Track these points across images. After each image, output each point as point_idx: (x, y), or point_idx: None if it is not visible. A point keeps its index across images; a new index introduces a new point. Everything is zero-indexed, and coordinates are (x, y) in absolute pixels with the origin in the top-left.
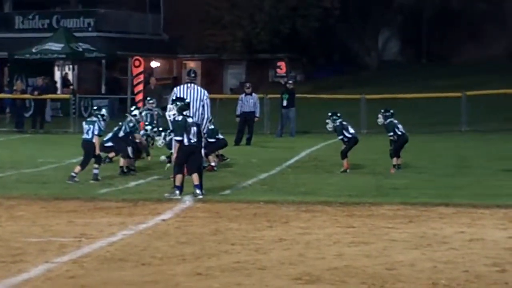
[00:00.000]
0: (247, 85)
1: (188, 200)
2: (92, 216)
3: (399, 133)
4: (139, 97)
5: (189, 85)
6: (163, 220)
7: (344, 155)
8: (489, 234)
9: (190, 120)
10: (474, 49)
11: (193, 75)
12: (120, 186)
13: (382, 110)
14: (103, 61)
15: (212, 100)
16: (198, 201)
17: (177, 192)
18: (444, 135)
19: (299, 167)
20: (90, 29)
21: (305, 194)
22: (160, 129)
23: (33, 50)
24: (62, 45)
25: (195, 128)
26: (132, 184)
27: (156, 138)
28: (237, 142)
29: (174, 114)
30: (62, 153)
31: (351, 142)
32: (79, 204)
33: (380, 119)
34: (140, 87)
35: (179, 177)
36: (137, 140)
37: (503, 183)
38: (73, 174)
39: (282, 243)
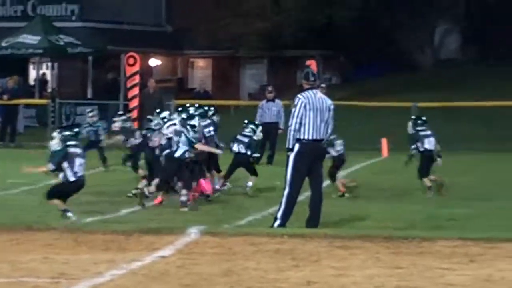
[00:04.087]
0: (269, 89)
1: (193, 233)
2: (74, 252)
3: (422, 149)
4: (134, 103)
5: (314, 91)
6: (162, 257)
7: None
8: None
9: None
10: None
11: (312, 78)
12: (108, 214)
13: (414, 117)
14: (90, 58)
15: (227, 108)
16: (206, 234)
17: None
18: None
19: (333, 192)
20: (74, 18)
21: (340, 226)
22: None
23: (3, 44)
24: (39, 37)
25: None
26: (124, 212)
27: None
28: (257, 160)
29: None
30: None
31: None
32: (58, 236)
33: (410, 128)
34: (135, 90)
35: None
36: None
37: None
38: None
39: (311, 287)
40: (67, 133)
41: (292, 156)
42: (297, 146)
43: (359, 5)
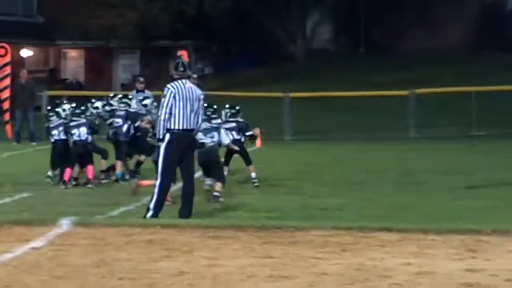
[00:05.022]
0: (140, 79)
1: (65, 224)
2: None
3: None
4: (5, 94)
5: (183, 81)
6: (34, 248)
7: None
8: (441, 266)
9: None
10: (423, 36)
11: (182, 68)
12: None
13: (227, 106)
14: None
15: (100, 98)
16: (78, 225)
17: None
18: (387, 143)
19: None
20: None
21: (213, 216)
22: None
23: None
24: None
25: None
26: None
27: None
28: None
29: None
30: None
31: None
32: None
33: (223, 117)
34: (7, 81)
35: None
36: None
37: (460, 203)
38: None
39: (183, 277)
40: None
41: (162, 146)
42: (167, 136)
43: None
